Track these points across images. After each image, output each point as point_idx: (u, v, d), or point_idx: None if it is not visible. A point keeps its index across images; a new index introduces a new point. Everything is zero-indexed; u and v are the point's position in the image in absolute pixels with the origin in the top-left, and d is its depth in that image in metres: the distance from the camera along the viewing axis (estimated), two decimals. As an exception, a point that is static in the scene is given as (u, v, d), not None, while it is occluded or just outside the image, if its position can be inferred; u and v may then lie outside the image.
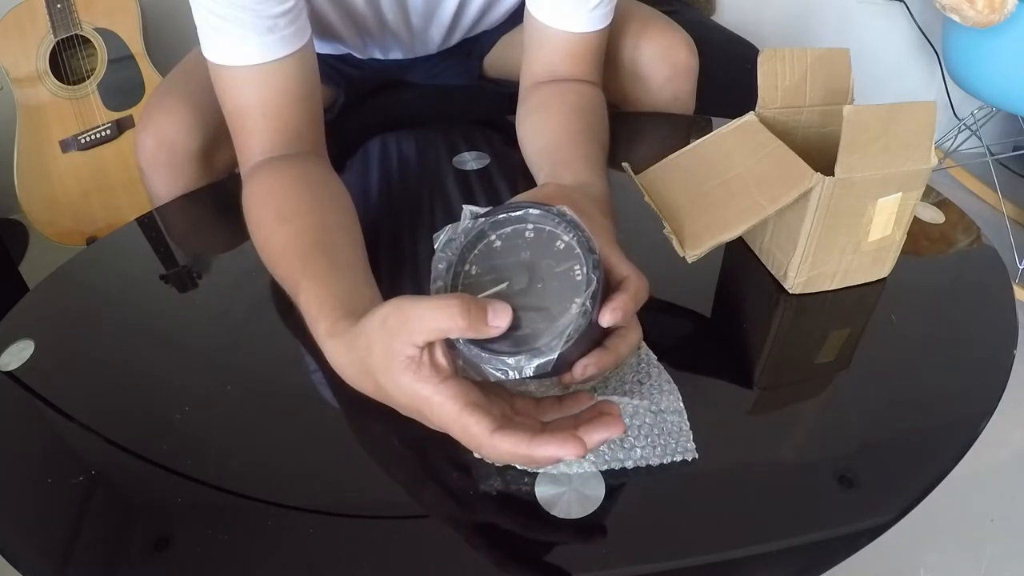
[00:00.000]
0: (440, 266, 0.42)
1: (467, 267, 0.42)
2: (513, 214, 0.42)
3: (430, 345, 0.39)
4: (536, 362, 0.39)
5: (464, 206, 0.45)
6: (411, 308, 0.39)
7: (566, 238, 0.41)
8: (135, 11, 1.38)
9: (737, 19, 1.64)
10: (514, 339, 0.39)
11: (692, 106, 0.89)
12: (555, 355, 0.39)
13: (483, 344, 0.39)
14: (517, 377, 0.39)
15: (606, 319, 0.40)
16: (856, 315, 0.58)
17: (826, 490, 0.45)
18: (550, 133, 0.67)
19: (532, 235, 0.42)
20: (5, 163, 1.39)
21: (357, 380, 0.44)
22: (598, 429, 0.39)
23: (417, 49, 0.91)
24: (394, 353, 0.39)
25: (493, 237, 0.42)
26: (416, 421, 0.43)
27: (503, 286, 0.41)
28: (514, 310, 0.39)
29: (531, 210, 0.42)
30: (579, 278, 0.40)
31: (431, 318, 0.38)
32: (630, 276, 0.43)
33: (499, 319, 0.38)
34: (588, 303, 0.39)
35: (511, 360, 0.39)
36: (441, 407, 0.39)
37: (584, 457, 0.44)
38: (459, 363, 0.40)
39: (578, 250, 0.41)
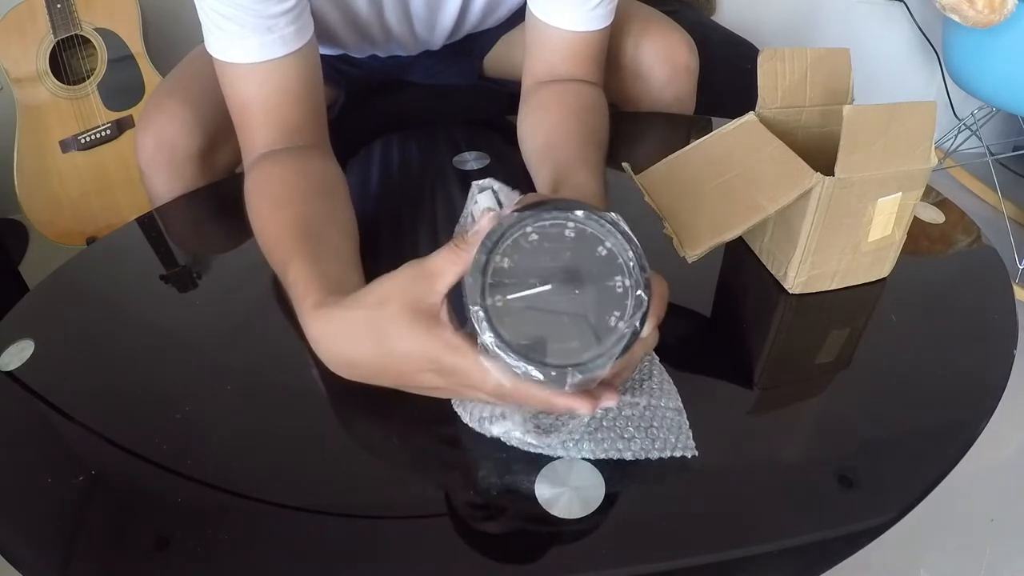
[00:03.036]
0: (475, 255, 0.39)
1: (498, 258, 0.39)
2: (558, 212, 0.39)
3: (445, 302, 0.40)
4: (580, 377, 0.38)
5: (473, 182, 0.44)
6: (428, 260, 0.40)
7: (609, 244, 0.40)
8: (135, 11, 1.38)
9: (737, 19, 1.64)
10: (555, 350, 0.38)
11: (692, 106, 0.89)
12: (603, 372, 0.38)
13: (525, 352, 0.38)
14: (558, 389, 0.38)
15: (645, 329, 0.40)
16: (856, 315, 0.58)
17: (826, 490, 0.45)
18: (548, 134, 0.67)
19: (573, 235, 0.39)
20: (5, 163, 1.39)
21: (349, 345, 0.44)
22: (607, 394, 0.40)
23: (420, 49, 0.91)
24: (417, 300, 0.40)
25: (529, 229, 0.39)
26: (413, 420, 0.43)
27: (546, 288, 0.39)
28: (553, 315, 0.38)
29: (579, 211, 0.39)
30: (619, 290, 0.39)
31: (448, 259, 0.39)
32: (651, 280, 0.43)
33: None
34: (639, 324, 0.38)
35: (555, 373, 0.37)
36: (459, 349, 0.39)
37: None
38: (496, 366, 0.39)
39: (620, 260, 0.39)
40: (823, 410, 0.52)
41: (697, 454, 0.46)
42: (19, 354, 0.56)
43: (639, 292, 0.39)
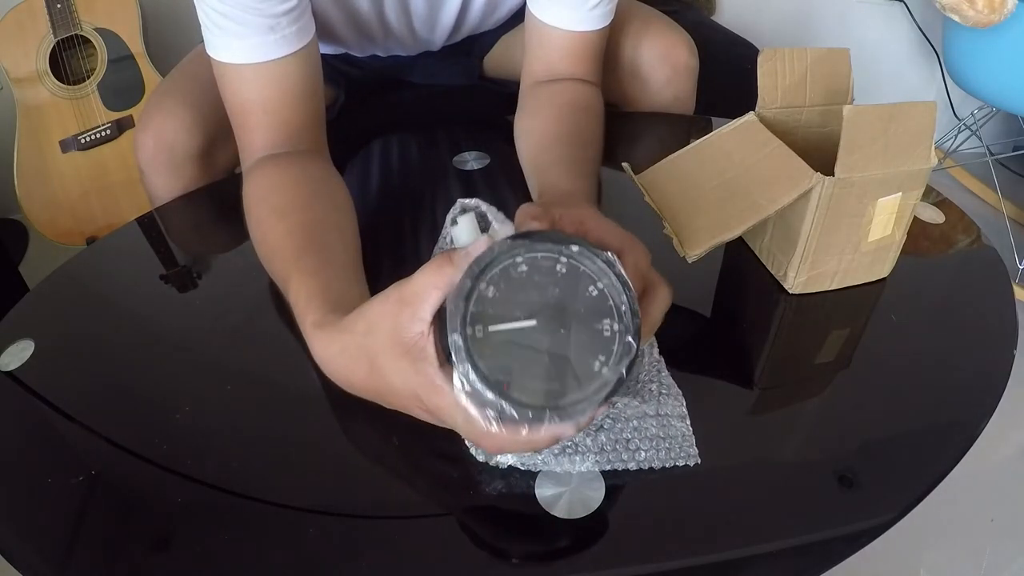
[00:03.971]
0: (461, 282, 0.37)
1: (484, 286, 0.36)
2: (552, 244, 0.37)
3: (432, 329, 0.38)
4: (558, 422, 0.36)
5: (459, 200, 0.43)
6: (407, 283, 0.39)
7: (601, 285, 0.37)
8: (135, 11, 1.38)
9: (737, 19, 1.64)
10: (535, 389, 0.36)
11: (692, 106, 0.89)
12: (583, 418, 0.36)
13: (501, 389, 0.36)
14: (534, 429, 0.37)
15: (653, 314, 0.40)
16: (856, 315, 0.58)
17: (826, 490, 0.45)
18: (538, 135, 0.67)
19: (565, 271, 0.37)
20: (5, 163, 1.39)
21: (346, 369, 0.43)
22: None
23: (420, 49, 0.91)
24: (401, 329, 0.38)
25: (519, 260, 0.37)
26: (411, 419, 0.43)
27: (530, 323, 0.36)
28: (535, 353, 0.36)
29: (574, 246, 0.37)
30: (607, 334, 0.37)
31: (429, 283, 0.37)
32: (655, 284, 0.43)
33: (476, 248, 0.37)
34: (624, 371, 0.36)
35: (531, 414, 0.35)
36: (439, 391, 0.38)
37: (581, 449, 0.45)
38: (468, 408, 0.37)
39: (611, 302, 0.37)
40: (823, 410, 0.52)
41: (700, 461, 0.46)
42: (19, 354, 0.56)
43: (628, 338, 0.37)
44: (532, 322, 0.36)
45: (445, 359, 0.38)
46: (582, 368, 0.36)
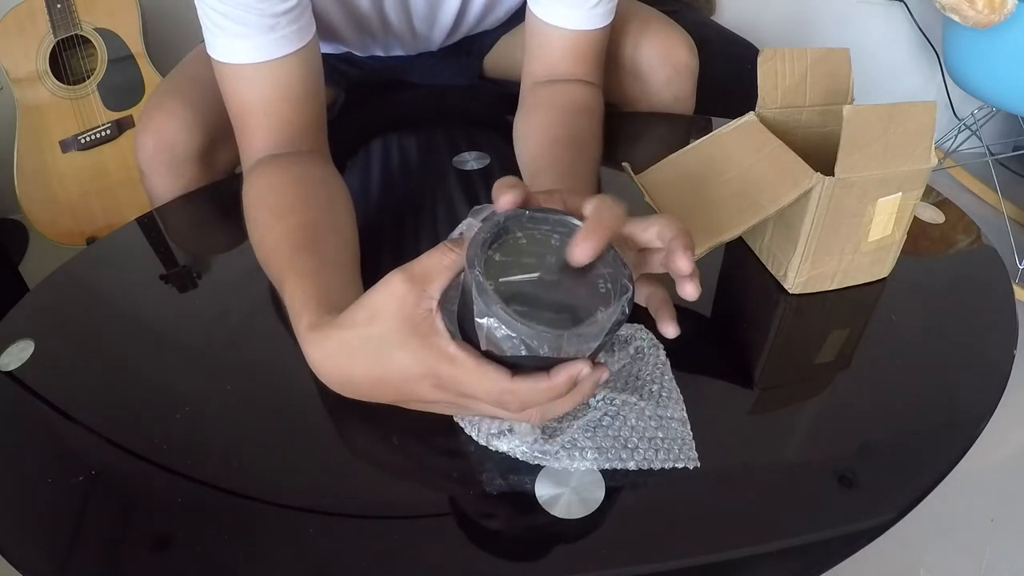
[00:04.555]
0: (471, 248, 0.40)
1: (491, 252, 0.40)
2: (551, 216, 0.41)
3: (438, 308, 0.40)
4: (575, 344, 0.38)
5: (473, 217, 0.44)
6: (414, 263, 0.40)
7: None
8: (135, 11, 1.38)
9: (737, 19, 1.64)
10: (548, 319, 0.39)
11: (692, 106, 0.89)
12: (596, 343, 0.38)
13: (521, 316, 0.38)
14: (554, 355, 0.38)
15: (682, 266, 0.42)
16: (856, 315, 0.58)
17: (826, 490, 0.45)
18: (535, 138, 0.68)
19: (558, 243, 0.41)
20: (5, 163, 1.39)
21: (344, 365, 0.43)
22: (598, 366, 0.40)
23: (419, 47, 0.91)
24: (409, 308, 0.39)
25: (519, 234, 0.41)
26: (411, 418, 0.42)
27: (534, 276, 0.40)
28: (543, 300, 0.39)
29: (569, 218, 0.41)
30: (603, 291, 0.40)
31: (437, 263, 0.39)
32: (660, 221, 0.44)
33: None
34: (626, 305, 0.39)
35: (549, 335, 0.37)
36: (455, 359, 0.39)
37: (586, 443, 0.45)
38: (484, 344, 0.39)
39: (601, 267, 0.41)
40: (823, 410, 0.52)
41: (699, 465, 0.46)
42: (19, 354, 0.56)
43: (623, 281, 0.40)
44: (536, 275, 0.40)
45: (452, 335, 0.40)
46: (587, 315, 0.39)
